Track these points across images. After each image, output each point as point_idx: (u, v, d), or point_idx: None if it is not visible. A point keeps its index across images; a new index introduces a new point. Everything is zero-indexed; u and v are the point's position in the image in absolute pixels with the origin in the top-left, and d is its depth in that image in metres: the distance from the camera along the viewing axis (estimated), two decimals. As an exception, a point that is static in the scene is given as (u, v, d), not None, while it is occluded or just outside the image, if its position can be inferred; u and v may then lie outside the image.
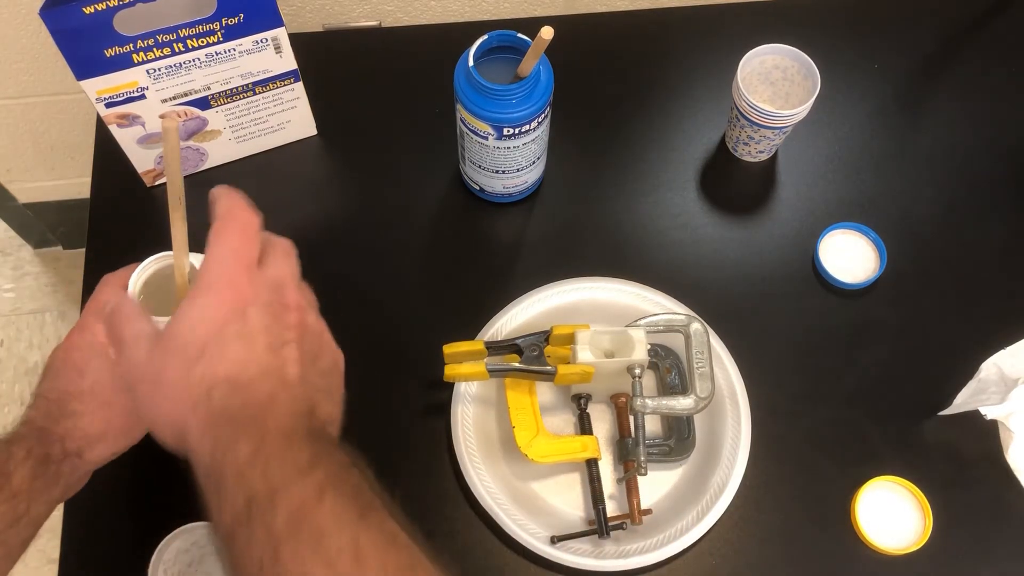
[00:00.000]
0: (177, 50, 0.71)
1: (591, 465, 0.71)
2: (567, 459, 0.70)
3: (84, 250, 0.82)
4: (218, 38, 0.72)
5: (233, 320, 0.43)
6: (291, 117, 0.83)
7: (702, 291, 0.78)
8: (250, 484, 0.39)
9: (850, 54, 0.91)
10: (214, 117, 0.79)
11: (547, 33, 0.64)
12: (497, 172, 0.77)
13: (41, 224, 1.43)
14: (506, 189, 0.80)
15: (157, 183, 0.84)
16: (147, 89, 0.73)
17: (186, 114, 0.77)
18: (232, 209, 0.47)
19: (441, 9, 0.97)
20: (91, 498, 0.72)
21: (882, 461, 0.73)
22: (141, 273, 0.59)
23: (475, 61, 0.69)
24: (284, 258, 0.49)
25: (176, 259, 0.55)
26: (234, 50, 0.73)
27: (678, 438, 0.73)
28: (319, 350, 0.47)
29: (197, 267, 0.51)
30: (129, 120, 0.76)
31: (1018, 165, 0.86)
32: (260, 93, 0.79)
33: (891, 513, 0.71)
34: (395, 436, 0.74)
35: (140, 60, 0.70)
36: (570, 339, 0.69)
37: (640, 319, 0.71)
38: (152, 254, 0.61)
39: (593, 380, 0.69)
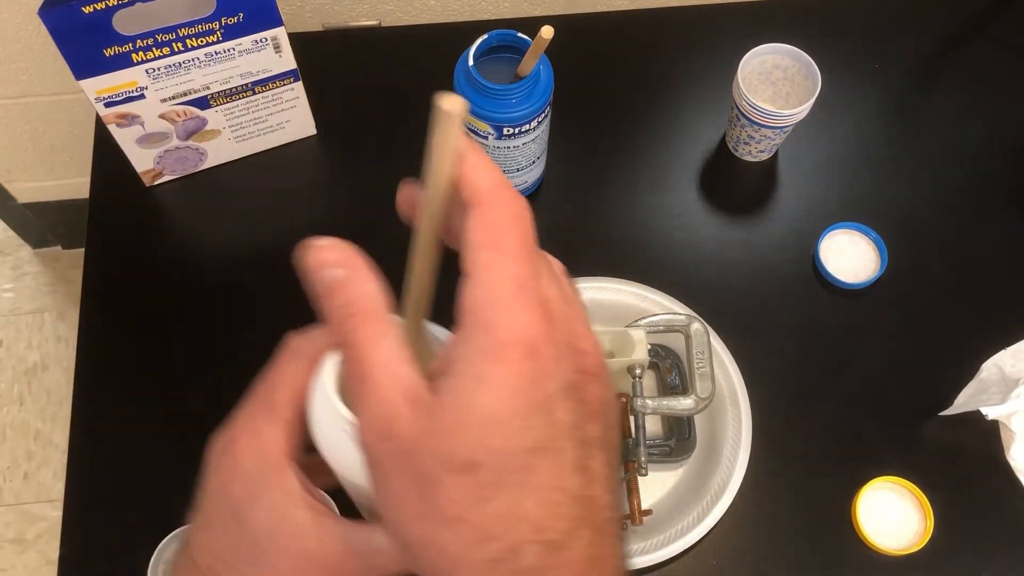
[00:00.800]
0: (176, 50, 0.71)
1: (591, 465, 0.71)
2: (567, 459, 0.70)
3: (83, 250, 0.82)
4: (217, 38, 0.71)
5: (536, 419, 0.28)
6: (291, 117, 0.83)
7: (702, 291, 0.78)
8: None
9: (851, 54, 0.91)
10: (213, 117, 0.79)
11: (547, 32, 0.64)
12: (497, 172, 0.77)
13: (40, 224, 1.43)
14: (506, 189, 0.80)
15: (157, 183, 0.84)
16: (146, 89, 0.73)
17: (185, 114, 0.77)
18: (498, 189, 0.30)
19: (441, 9, 0.97)
20: (91, 498, 0.72)
21: (883, 461, 0.73)
22: None
23: (475, 61, 0.69)
24: (551, 261, 0.32)
25: (410, 326, 0.34)
26: (233, 50, 0.73)
27: (678, 438, 0.73)
28: (614, 434, 0.32)
29: (438, 343, 0.35)
30: (128, 120, 0.75)
31: (1019, 165, 0.86)
32: (259, 93, 0.79)
33: (892, 513, 0.71)
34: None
35: (139, 60, 0.70)
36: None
37: (640, 319, 0.71)
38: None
39: (593, 380, 0.69)
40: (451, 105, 0.28)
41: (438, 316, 0.34)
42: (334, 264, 0.31)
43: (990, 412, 0.69)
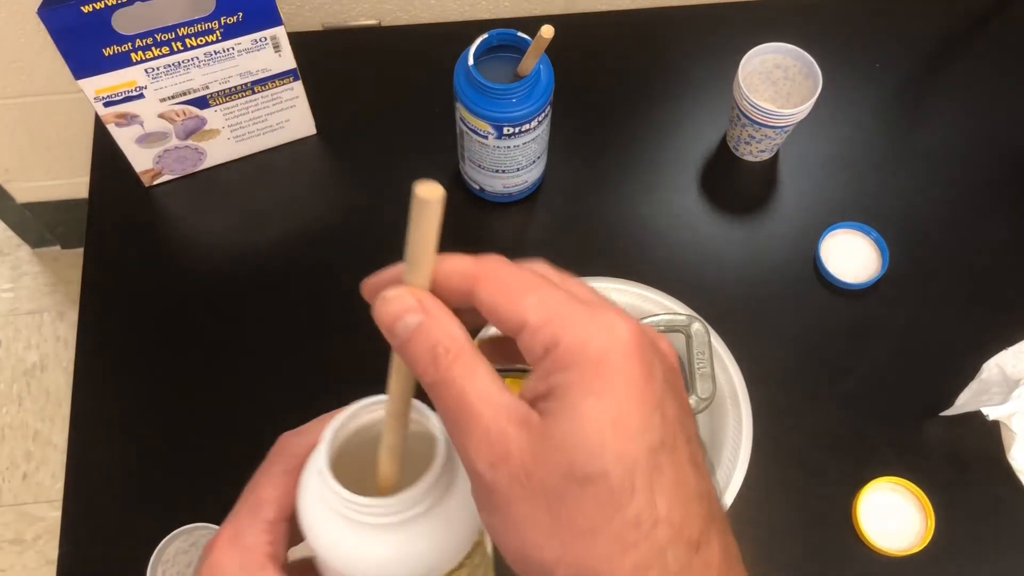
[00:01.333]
0: (176, 49, 0.71)
1: (592, 466, 0.70)
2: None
3: (82, 250, 0.81)
4: (217, 37, 0.71)
5: (653, 418, 0.28)
6: (290, 116, 0.83)
7: (703, 291, 0.78)
8: None
9: (851, 53, 0.91)
10: (213, 116, 0.79)
11: (547, 32, 0.64)
12: (497, 171, 0.77)
13: (39, 224, 1.42)
14: (506, 188, 0.80)
15: (156, 182, 0.83)
16: (145, 88, 0.73)
17: (184, 113, 0.77)
18: (479, 260, 0.31)
19: (440, 8, 0.97)
20: (91, 498, 0.72)
21: (884, 462, 0.73)
22: (343, 424, 0.34)
23: (475, 60, 0.68)
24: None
25: (391, 412, 0.33)
26: (233, 49, 0.73)
27: (679, 439, 0.73)
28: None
29: (433, 428, 0.33)
30: (127, 119, 0.75)
31: (1020, 164, 0.86)
32: (259, 92, 0.79)
33: (893, 514, 0.71)
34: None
35: (139, 59, 0.70)
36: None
37: (641, 319, 0.71)
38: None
39: (594, 380, 0.69)
40: (429, 193, 0.27)
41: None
42: (410, 311, 0.30)
43: (991, 412, 0.69)
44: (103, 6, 0.65)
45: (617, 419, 0.27)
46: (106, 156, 0.83)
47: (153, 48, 0.70)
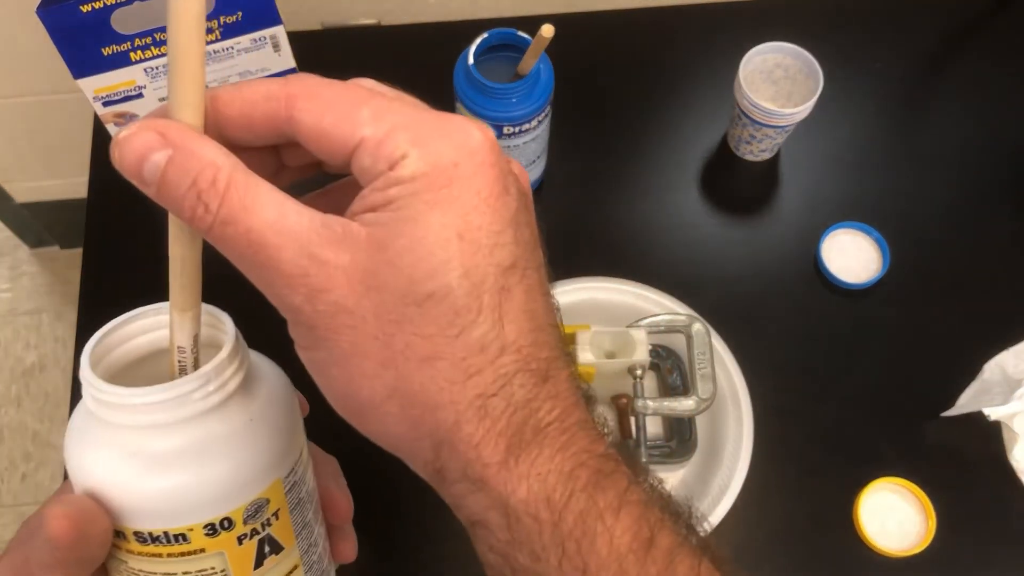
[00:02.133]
0: (175, 48, 0.71)
1: (592, 466, 0.70)
2: (568, 460, 0.70)
3: (81, 250, 0.81)
4: (216, 36, 0.71)
5: (506, 234, 0.25)
6: (290, 116, 0.83)
7: (704, 291, 0.77)
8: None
9: (853, 52, 0.90)
10: (212, 116, 0.78)
11: (547, 31, 0.64)
12: (497, 171, 0.77)
13: (38, 224, 1.42)
14: (506, 188, 0.80)
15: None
16: (144, 88, 0.73)
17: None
18: (269, 82, 0.27)
19: (440, 7, 0.96)
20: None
21: (885, 462, 0.73)
22: (115, 328, 0.30)
23: (475, 59, 0.68)
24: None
25: (175, 285, 0.29)
26: (232, 48, 0.73)
27: (679, 440, 0.73)
28: None
29: (229, 339, 0.30)
30: (127, 119, 0.75)
31: (1020, 164, 0.86)
32: (258, 92, 0.78)
33: (894, 515, 0.71)
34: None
35: (138, 59, 0.70)
36: (571, 340, 0.69)
37: (641, 319, 0.71)
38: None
39: (594, 381, 0.69)
40: None
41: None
42: (151, 148, 0.25)
43: (992, 413, 0.68)
44: (102, 5, 0.65)
45: (465, 232, 0.24)
46: (105, 156, 0.82)
47: (152, 47, 0.70)
